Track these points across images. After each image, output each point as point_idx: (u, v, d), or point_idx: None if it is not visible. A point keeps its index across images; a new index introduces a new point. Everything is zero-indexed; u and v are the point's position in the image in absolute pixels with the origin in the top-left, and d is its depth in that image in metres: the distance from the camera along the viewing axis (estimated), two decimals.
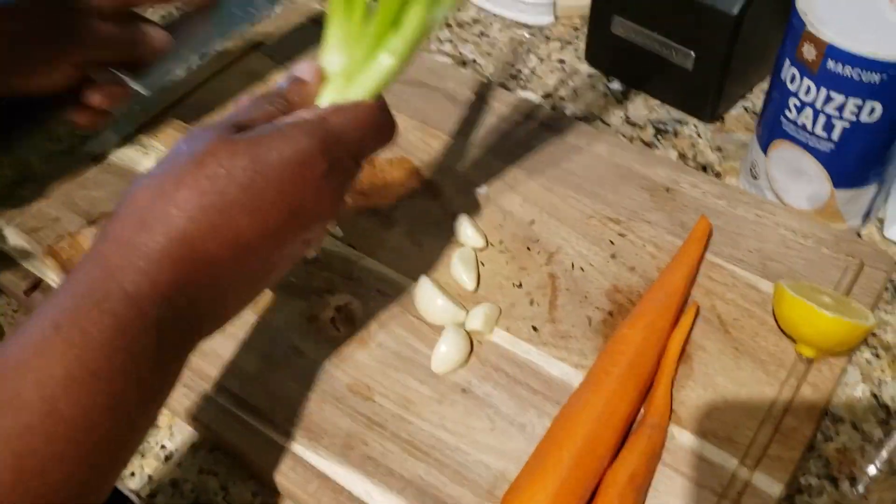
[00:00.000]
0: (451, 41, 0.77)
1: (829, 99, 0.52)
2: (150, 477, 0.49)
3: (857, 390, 0.51)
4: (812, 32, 0.51)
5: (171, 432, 0.51)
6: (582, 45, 0.75)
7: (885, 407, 0.51)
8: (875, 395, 0.51)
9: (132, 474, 0.49)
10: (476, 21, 0.79)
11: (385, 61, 0.42)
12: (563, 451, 0.44)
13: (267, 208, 0.37)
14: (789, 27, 0.53)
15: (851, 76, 0.50)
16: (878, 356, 0.53)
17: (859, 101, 0.51)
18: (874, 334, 0.54)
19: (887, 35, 0.49)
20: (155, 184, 0.36)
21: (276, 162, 0.37)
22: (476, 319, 0.52)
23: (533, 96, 0.71)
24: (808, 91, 0.53)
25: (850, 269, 0.55)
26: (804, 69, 0.52)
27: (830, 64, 0.51)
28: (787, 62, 0.54)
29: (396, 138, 0.44)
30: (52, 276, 0.57)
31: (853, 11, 0.51)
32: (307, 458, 0.47)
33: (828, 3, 0.52)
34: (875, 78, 0.50)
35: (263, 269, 0.39)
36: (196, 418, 0.50)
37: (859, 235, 0.60)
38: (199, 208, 0.35)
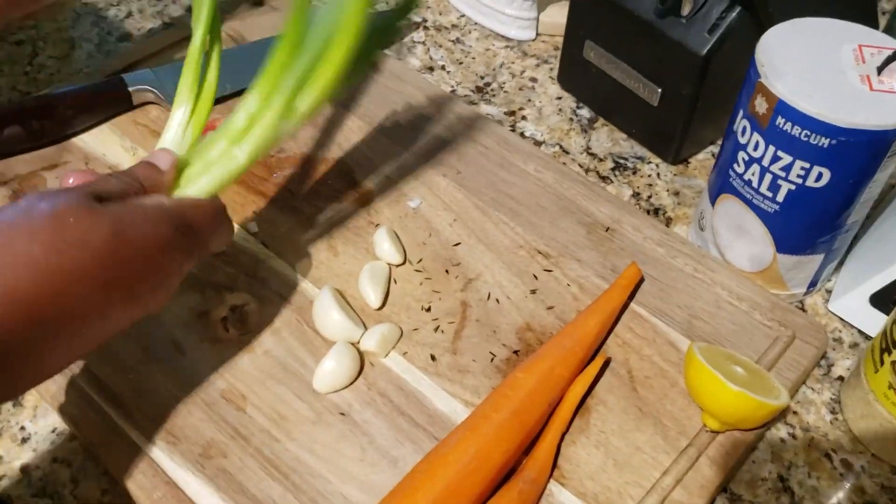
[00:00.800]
0: (423, 43, 0.74)
1: (776, 158, 0.49)
2: (0, 457, 0.46)
3: (765, 470, 0.48)
4: (765, 85, 0.47)
5: (35, 414, 0.48)
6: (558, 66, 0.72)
7: (791, 492, 0.47)
8: (782, 478, 0.48)
9: None
10: (454, 26, 0.76)
11: (239, 157, 0.43)
12: (418, 496, 0.41)
13: (113, 282, 0.36)
14: (746, 76, 0.50)
15: (800, 136, 0.47)
16: (793, 437, 0.50)
17: (806, 165, 0.48)
18: (795, 412, 0.51)
19: (843, 99, 0.46)
20: (3, 232, 0.34)
21: (136, 240, 0.36)
22: (371, 339, 0.49)
23: (495, 111, 0.68)
24: (756, 146, 0.49)
25: (781, 341, 0.51)
26: (755, 123, 0.49)
27: (780, 121, 0.47)
28: (741, 113, 0.50)
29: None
30: None
31: (813, 69, 0.48)
32: (161, 461, 0.45)
33: (787, 57, 0.48)
34: (824, 142, 0.46)
35: (91, 337, 0.37)
36: (56, 400, 0.47)
37: (802, 304, 0.56)
38: (49, 270, 0.33)
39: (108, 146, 0.61)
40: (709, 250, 0.57)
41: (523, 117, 0.68)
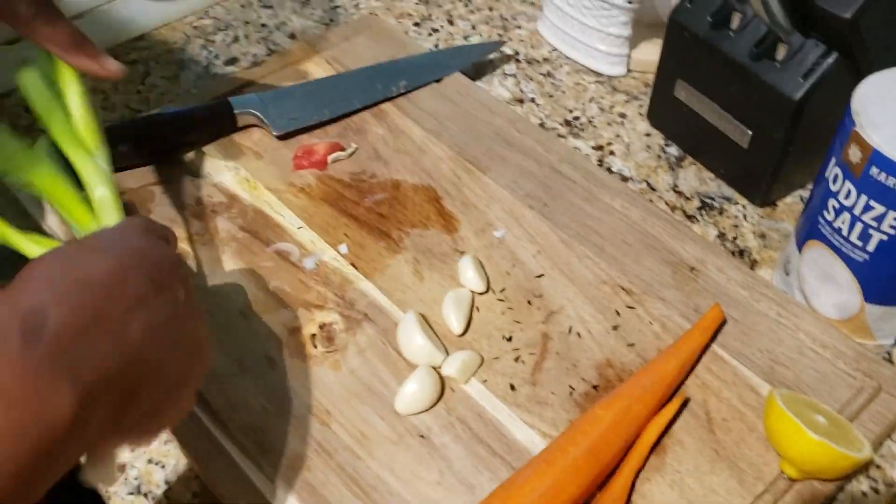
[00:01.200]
0: (514, 76, 0.76)
1: (868, 207, 0.48)
2: None
3: None
4: (860, 134, 0.47)
5: None
6: (648, 103, 0.73)
7: None
8: None
9: None
10: (546, 60, 0.78)
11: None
12: None
13: None
14: (840, 125, 0.50)
15: (894, 187, 0.46)
16: (876, 491, 0.49)
17: None
18: (878, 466, 0.50)
19: None
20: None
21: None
22: (453, 365, 0.51)
23: (583, 146, 0.69)
24: (848, 195, 0.49)
25: (865, 392, 0.51)
26: (847, 171, 0.49)
27: (874, 171, 0.47)
28: (833, 160, 0.50)
29: None
30: None
31: None
32: (249, 470, 0.47)
33: (883, 107, 0.48)
34: None
35: None
36: None
37: (890, 356, 0.55)
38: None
39: (212, 165, 0.64)
40: (793, 295, 0.57)
41: (611, 152, 0.69)
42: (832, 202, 0.51)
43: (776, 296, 0.56)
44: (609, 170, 0.68)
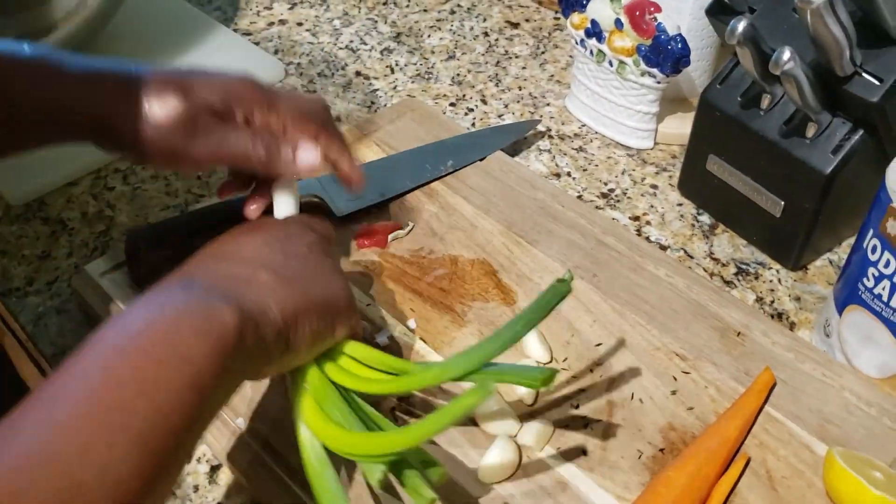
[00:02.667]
0: (549, 151, 0.80)
1: None
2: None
3: None
4: None
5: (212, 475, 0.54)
6: (677, 173, 0.77)
7: None
8: None
9: None
10: (577, 135, 0.83)
11: None
12: None
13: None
14: (877, 199, 0.54)
15: None
16: None
17: None
18: None
19: None
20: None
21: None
22: (528, 434, 0.54)
23: (620, 216, 0.74)
24: (888, 264, 0.54)
25: None
26: (886, 243, 0.53)
27: None
28: (871, 232, 0.55)
29: None
30: None
31: None
32: None
33: None
34: None
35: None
36: (229, 456, 0.53)
37: None
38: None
39: None
40: (834, 356, 0.61)
41: (647, 222, 0.74)
42: (872, 270, 0.55)
43: (819, 357, 0.60)
44: (648, 239, 0.72)
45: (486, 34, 0.95)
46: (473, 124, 0.83)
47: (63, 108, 0.52)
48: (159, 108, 0.51)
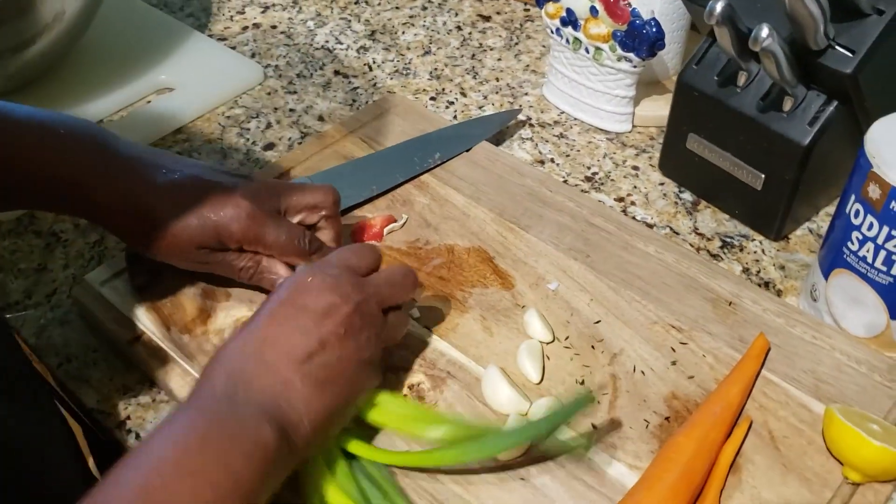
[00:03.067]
0: (531, 139, 0.82)
1: (890, 237, 0.55)
2: None
3: None
4: (878, 174, 0.54)
5: None
6: (656, 154, 0.80)
7: None
8: None
9: None
10: (556, 123, 0.84)
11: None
12: None
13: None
14: (856, 165, 0.57)
15: None
16: None
17: None
18: None
19: None
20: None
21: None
22: (539, 412, 0.56)
23: (606, 199, 0.76)
24: (870, 227, 0.56)
25: None
26: (868, 206, 0.56)
27: (894, 205, 0.54)
28: (853, 198, 0.57)
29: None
30: (154, 330, 0.62)
31: None
32: None
33: (895, 147, 0.55)
34: None
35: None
36: None
37: None
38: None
39: None
40: (822, 319, 0.64)
41: (632, 202, 0.76)
42: (856, 234, 0.58)
43: (809, 320, 0.63)
44: (634, 218, 0.74)
45: (459, 28, 0.97)
46: (455, 116, 0.85)
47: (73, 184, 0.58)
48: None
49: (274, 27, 0.96)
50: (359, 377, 0.51)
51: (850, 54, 0.60)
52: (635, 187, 0.77)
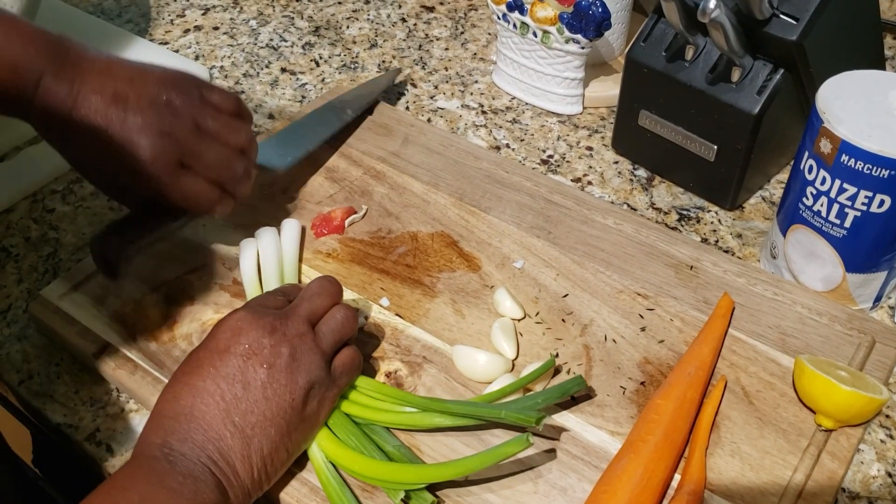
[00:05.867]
0: (485, 126, 0.83)
1: (842, 189, 0.57)
2: None
3: (873, 469, 0.55)
4: (829, 129, 0.56)
5: None
6: (608, 134, 0.81)
7: None
8: (890, 475, 0.54)
9: None
10: (509, 108, 0.85)
11: None
12: None
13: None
14: (809, 123, 0.59)
15: (862, 170, 0.55)
16: (891, 436, 0.57)
17: (869, 193, 0.56)
18: (887, 415, 0.58)
19: None
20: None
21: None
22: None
23: (563, 180, 0.77)
24: (823, 181, 0.58)
25: (863, 346, 0.59)
26: (820, 161, 0.58)
27: (844, 158, 0.56)
28: (806, 154, 0.59)
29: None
30: (119, 340, 0.61)
31: (867, 112, 0.56)
32: None
33: (844, 104, 0.57)
34: (884, 173, 0.55)
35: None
36: None
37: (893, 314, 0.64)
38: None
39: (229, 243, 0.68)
40: (782, 275, 0.65)
41: (589, 182, 0.77)
42: (810, 189, 0.59)
43: (769, 278, 0.64)
44: (592, 196, 0.75)
45: (403, 20, 0.97)
46: (408, 108, 0.85)
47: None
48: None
49: (216, 28, 0.95)
50: (295, 411, 0.50)
51: (793, 22, 0.62)
52: (590, 167, 0.78)
